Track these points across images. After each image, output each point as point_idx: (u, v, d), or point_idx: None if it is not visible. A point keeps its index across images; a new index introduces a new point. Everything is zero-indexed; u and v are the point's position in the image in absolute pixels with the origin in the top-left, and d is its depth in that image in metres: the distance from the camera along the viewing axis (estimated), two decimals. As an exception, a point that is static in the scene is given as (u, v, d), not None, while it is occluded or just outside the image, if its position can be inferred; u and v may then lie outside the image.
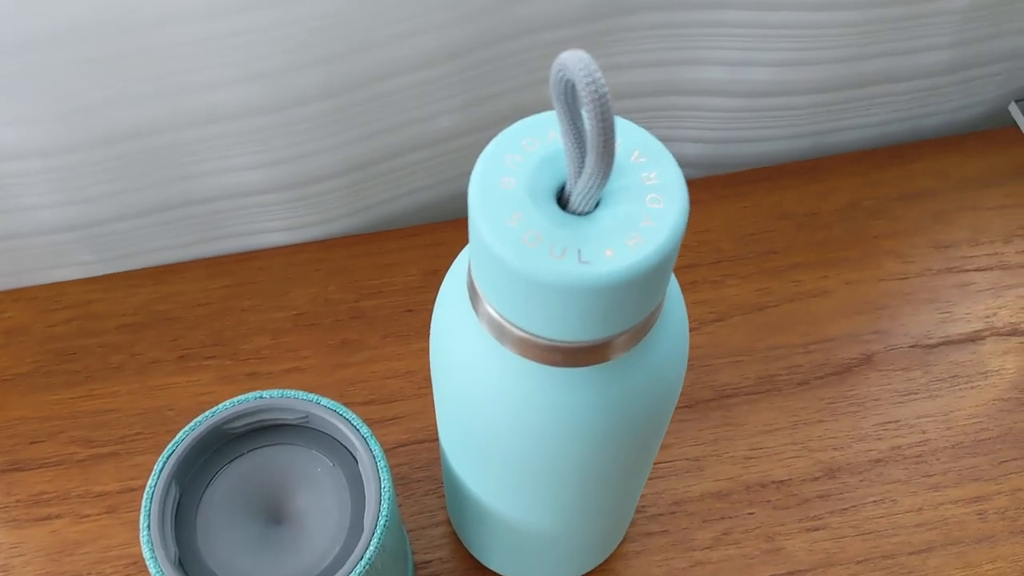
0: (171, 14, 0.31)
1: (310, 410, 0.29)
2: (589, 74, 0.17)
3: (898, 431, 0.37)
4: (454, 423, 0.26)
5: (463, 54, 0.36)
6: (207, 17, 0.31)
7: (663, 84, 0.41)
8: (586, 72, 0.17)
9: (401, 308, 0.40)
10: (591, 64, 0.17)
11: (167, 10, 0.31)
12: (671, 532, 0.35)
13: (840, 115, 0.44)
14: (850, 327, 0.40)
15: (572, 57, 0.17)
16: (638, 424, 0.24)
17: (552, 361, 0.21)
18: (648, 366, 0.23)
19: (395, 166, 0.40)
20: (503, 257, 0.19)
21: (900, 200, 0.43)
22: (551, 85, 0.18)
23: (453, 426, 0.26)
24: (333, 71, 0.35)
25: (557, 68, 0.18)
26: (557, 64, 0.18)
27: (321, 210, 0.41)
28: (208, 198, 0.39)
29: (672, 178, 0.20)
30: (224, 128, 0.36)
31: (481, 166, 0.20)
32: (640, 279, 0.19)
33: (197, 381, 0.38)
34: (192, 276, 0.41)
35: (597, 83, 0.17)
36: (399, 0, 0.33)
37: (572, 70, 0.17)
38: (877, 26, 0.39)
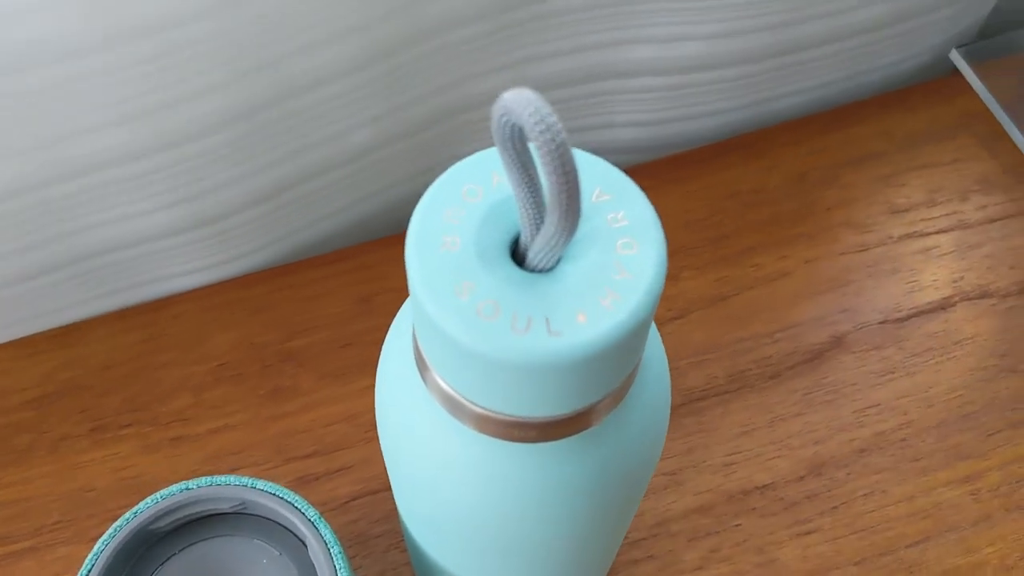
0: (33, 59, 0.27)
1: (245, 496, 0.25)
2: (541, 119, 0.14)
3: (879, 415, 0.35)
4: (409, 496, 0.23)
5: (369, 64, 0.32)
6: (76, 56, 0.27)
7: (589, 70, 0.38)
8: (537, 116, 0.14)
9: (335, 343, 0.36)
10: (541, 105, 0.14)
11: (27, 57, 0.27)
12: (656, 556, 0.33)
13: (777, 82, 0.41)
14: (816, 309, 0.37)
15: (517, 99, 0.14)
16: (621, 488, 0.21)
17: (519, 438, 0.18)
18: (631, 423, 0.20)
19: (309, 190, 0.36)
20: (456, 337, 0.16)
21: (848, 166, 0.41)
22: (493, 130, 0.15)
23: (408, 499, 0.23)
24: (228, 98, 0.31)
25: (500, 112, 0.15)
26: (499, 107, 0.15)
27: (234, 246, 0.37)
28: (107, 249, 0.35)
29: (644, 217, 0.17)
30: (113, 175, 0.31)
31: (417, 227, 0.17)
32: (622, 343, 0.16)
33: (116, 454, 0.34)
34: (99, 335, 0.36)
35: (552, 129, 0.14)
36: (291, 15, 0.29)
37: (518, 114, 0.14)
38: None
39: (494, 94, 0.37)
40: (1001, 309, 0.38)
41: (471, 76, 0.36)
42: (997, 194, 0.40)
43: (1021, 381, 0.36)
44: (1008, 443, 0.35)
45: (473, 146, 0.39)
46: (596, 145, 0.42)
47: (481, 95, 0.37)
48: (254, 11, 0.28)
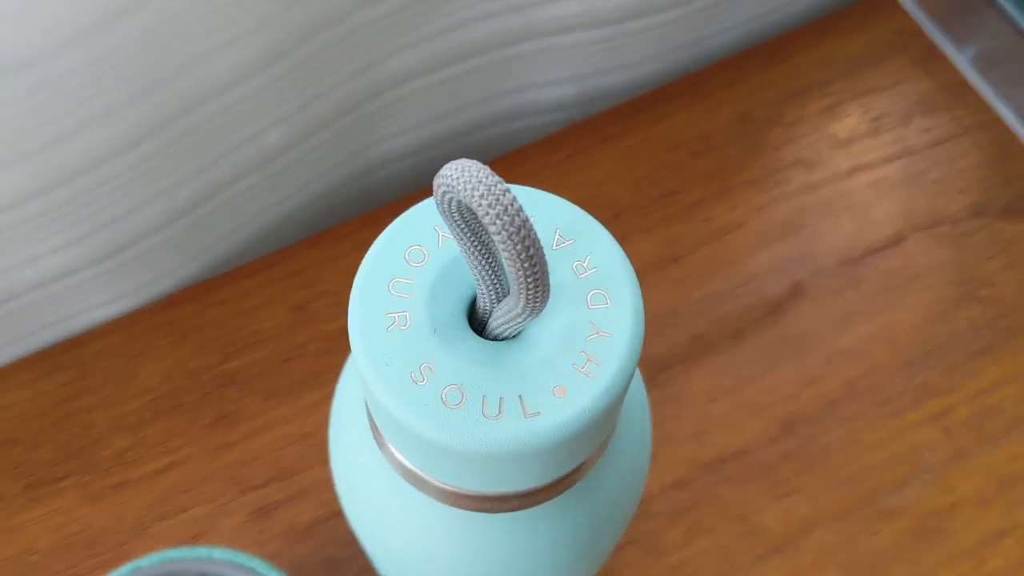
0: None
1: (203, 570, 0.23)
2: (496, 200, 0.12)
3: (845, 363, 0.34)
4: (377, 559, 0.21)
5: (272, 62, 0.30)
6: None
7: (518, 30, 0.35)
8: (491, 198, 0.12)
9: (276, 359, 0.34)
10: (493, 182, 0.12)
11: None
12: (638, 540, 0.32)
13: (706, 22, 0.39)
14: (772, 258, 0.36)
15: (462, 176, 0.12)
16: (607, 532, 0.19)
17: (493, 509, 0.17)
18: (614, 475, 0.18)
19: (225, 199, 0.34)
20: (420, 431, 0.14)
21: (790, 100, 0.40)
22: (436, 205, 0.13)
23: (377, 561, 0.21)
24: (122, 123, 0.28)
25: (442, 189, 0.12)
26: (441, 184, 0.12)
27: (153, 268, 0.34)
28: (14, 295, 0.32)
29: (612, 261, 0.15)
30: (8, 219, 0.28)
31: (358, 303, 0.15)
32: (608, 410, 0.15)
33: (56, 510, 0.32)
34: (16, 382, 0.34)
35: (510, 210, 0.12)
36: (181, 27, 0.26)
37: (466, 193, 0.12)
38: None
39: (413, 70, 0.35)
40: (954, 235, 0.37)
41: (385, 56, 0.33)
42: (939, 115, 0.39)
43: (979, 308, 0.36)
44: (973, 375, 0.34)
45: (396, 126, 0.37)
46: (529, 105, 0.39)
47: (399, 73, 0.34)
48: (138, 29, 0.25)
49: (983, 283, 0.36)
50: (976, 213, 0.37)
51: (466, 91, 0.37)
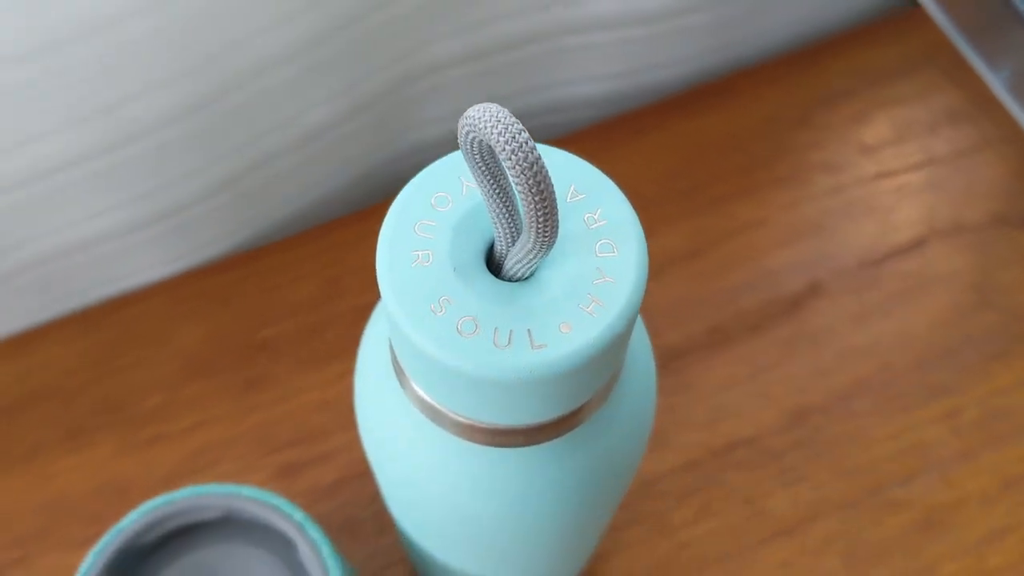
0: None
1: (230, 504, 0.24)
2: (512, 137, 0.13)
3: (859, 359, 0.35)
4: (396, 500, 0.22)
5: (318, 43, 0.31)
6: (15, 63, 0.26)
7: (549, 26, 0.36)
8: (508, 136, 0.13)
9: (307, 330, 0.36)
10: (512, 123, 0.13)
11: None
12: (646, 518, 0.33)
13: (742, 26, 0.40)
14: (792, 255, 0.37)
15: (483, 116, 0.13)
16: (609, 481, 0.20)
17: (504, 443, 0.18)
18: (618, 418, 0.19)
19: (267, 175, 0.35)
20: (436, 356, 0.15)
21: (819, 105, 0.41)
22: (461, 146, 0.14)
23: (396, 502, 0.22)
24: (177, 93, 0.29)
25: (465, 129, 0.14)
26: (464, 124, 0.14)
27: (194, 237, 0.36)
28: (64, 253, 0.33)
29: (622, 216, 0.16)
30: (64, 179, 0.30)
31: (387, 242, 0.16)
32: (608, 348, 0.16)
33: (91, 460, 0.33)
34: (60, 338, 0.35)
35: (524, 148, 0.13)
36: (234, 4, 0.28)
37: (486, 132, 0.13)
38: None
39: (451, 59, 0.36)
40: (974, 243, 0.38)
41: (425, 43, 0.35)
42: (965, 126, 0.40)
43: (996, 315, 0.36)
44: (985, 377, 0.35)
45: (432, 113, 0.38)
46: (562, 102, 0.41)
47: (437, 61, 0.36)
48: (198, 5, 0.27)
49: (1000, 291, 0.37)
50: (997, 222, 0.38)
51: (502, 83, 0.39)
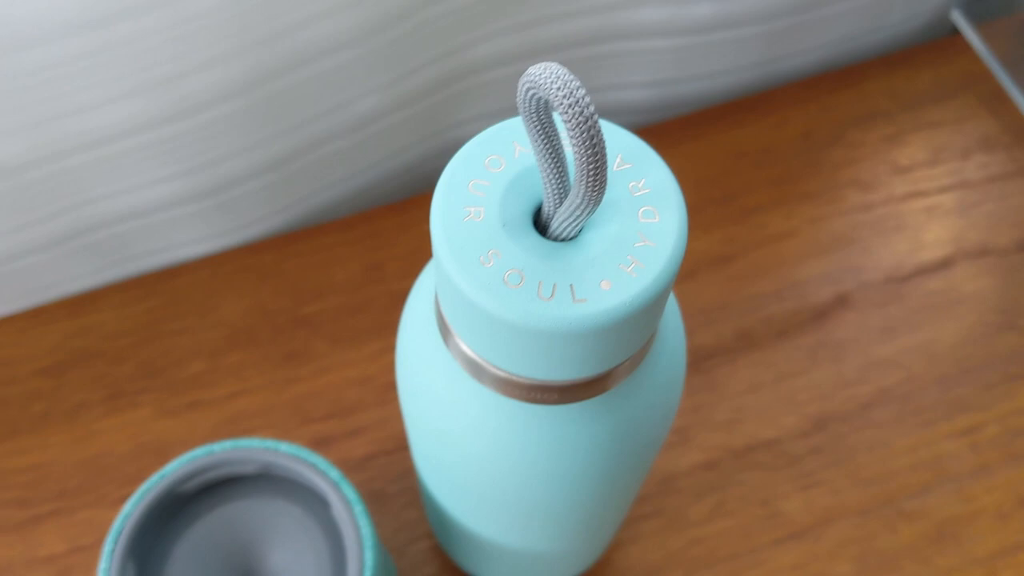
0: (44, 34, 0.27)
1: (269, 459, 0.26)
2: (570, 92, 0.14)
3: (882, 371, 0.36)
4: (428, 456, 0.23)
5: (373, 33, 0.33)
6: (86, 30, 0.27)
7: (597, 31, 0.38)
8: (566, 90, 0.14)
9: (346, 309, 0.37)
10: (570, 80, 0.14)
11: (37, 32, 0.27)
12: (664, 512, 0.34)
13: (783, 43, 0.41)
14: (821, 267, 0.38)
15: (543, 72, 0.14)
16: (636, 449, 0.21)
17: (539, 400, 0.19)
18: (648, 386, 0.20)
19: (316, 158, 0.37)
20: (482, 304, 0.16)
21: (854, 125, 0.41)
22: (519, 103, 0.15)
23: (428, 458, 0.23)
24: (235, 69, 0.31)
25: (526, 85, 0.15)
26: (525, 81, 0.15)
27: (243, 214, 0.37)
28: (118, 219, 0.35)
29: (665, 185, 0.17)
30: (123, 146, 0.32)
31: (441, 198, 0.17)
32: (644, 309, 0.17)
33: (132, 420, 0.35)
34: (109, 303, 0.37)
35: (581, 103, 0.14)
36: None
37: (546, 88, 0.14)
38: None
39: (499, 57, 0.37)
40: (1001, 266, 0.38)
41: (475, 40, 0.36)
42: (998, 153, 0.41)
43: (1020, 337, 0.37)
44: (1007, 396, 0.36)
45: (478, 110, 0.40)
46: (604, 106, 0.42)
47: (486, 58, 0.37)
48: None
49: (1025, 314, 0.37)
50: None
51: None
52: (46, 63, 0.28)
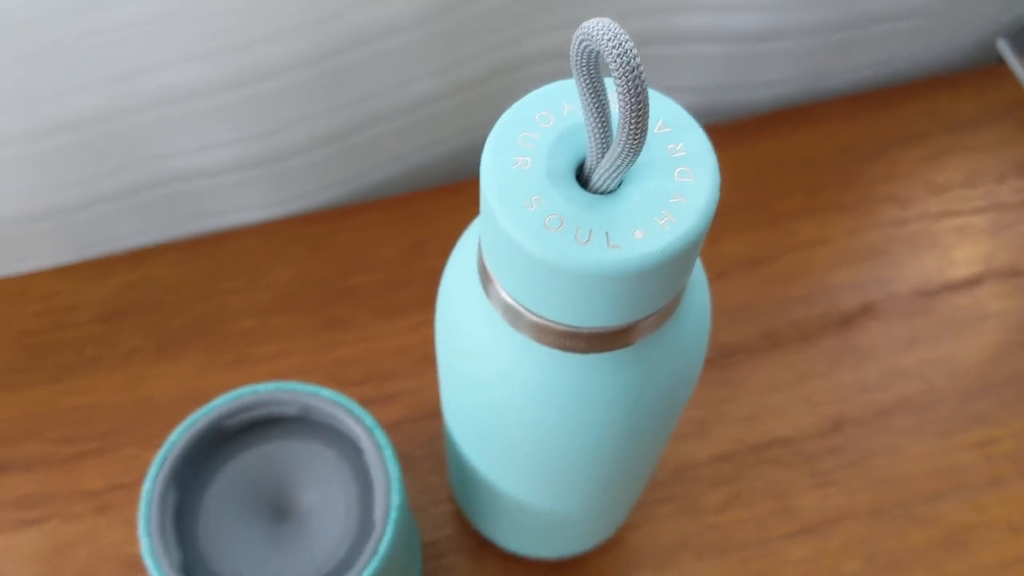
0: None
1: (309, 402, 0.27)
2: (619, 44, 0.16)
3: (903, 380, 0.37)
4: (461, 406, 0.25)
5: (434, 17, 0.34)
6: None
7: (647, 34, 0.39)
8: (615, 42, 0.16)
9: (389, 283, 0.38)
10: (620, 33, 0.16)
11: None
12: (678, 498, 0.35)
13: (830, 59, 0.42)
14: (850, 276, 0.39)
15: (597, 26, 0.16)
16: (659, 406, 0.23)
17: (570, 347, 0.20)
18: (672, 346, 0.22)
19: (371, 136, 0.38)
20: (523, 245, 0.18)
21: (894, 143, 0.42)
22: (572, 55, 0.17)
23: (460, 409, 0.25)
24: (301, 42, 0.33)
25: (580, 38, 0.16)
26: (580, 33, 0.16)
27: (297, 185, 0.39)
28: (180, 178, 0.37)
29: (701, 149, 0.19)
30: (191, 107, 0.34)
31: (492, 146, 0.19)
32: (673, 260, 0.18)
33: (181, 369, 0.36)
34: (167, 260, 0.39)
35: (628, 54, 0.16)
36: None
37: (598, 39, 0.16)
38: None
39: (549, 53, 0.39)
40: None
41: (530, 33, 0.38)
42: (1034, 178, 0.42)
43: (1043, 358, 0.38)
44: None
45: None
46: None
47: (539, 52, 0.39)
48: None
49: (1050, 337, 0.38)
50: (1054, 274, 0.40)
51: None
52: (126, 21, 0.30)
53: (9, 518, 0.34)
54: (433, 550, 0.34)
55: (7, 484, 0.34)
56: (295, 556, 0.26)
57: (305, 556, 0.26)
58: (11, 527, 0.34)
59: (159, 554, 0.25)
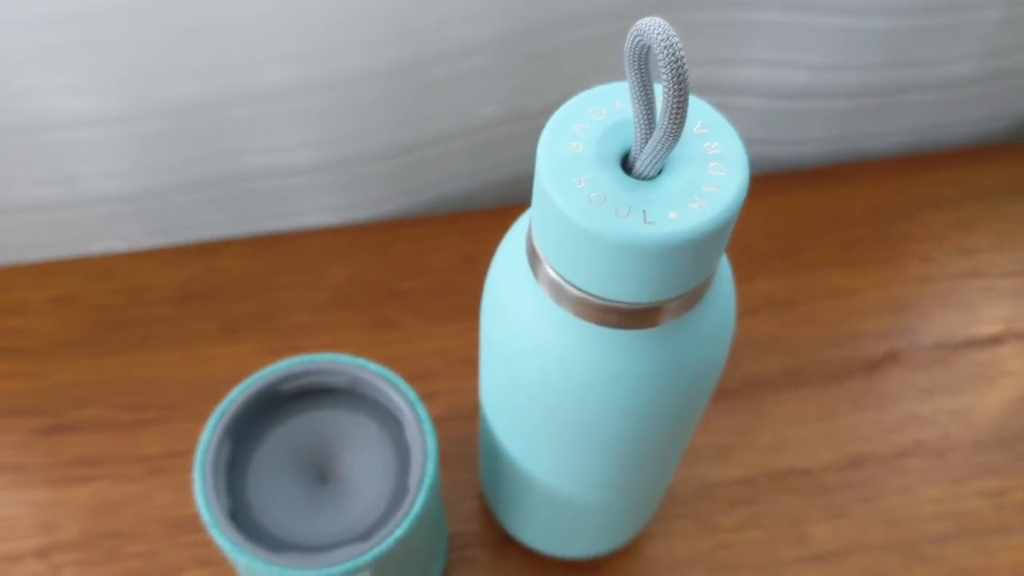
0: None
1: (358, 374, 0.30)
2: (667, 39, 0.18)
3: (920, 426, 0.38)
4: (501, 384, 0.27)
5: (506, 46, 0.37)
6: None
7: (703, 82, 0.42)
8: (664, 37, 0.18)
9: (438, 291, 0.41)
10: (669, 30, 0.18)
11: None
12: (696, 515, 0.36)
13: (869, 122, 0.45)
14: (877, 325, 0.41)
15: (650, 23, 0.19)
16: (682, 390, 0.25)
17: (606, 322, 0.22)
18: (696, 333, 0.24)
19: (435, 153, 0.41)
20: (570, 215, 0.20)
21: (926, 206, 0.45)
22: (625, 51, 0.20)
23: (500, 387, 0.27)
24: (385, 55, 0.36)
25: (634, 34, 0.19)
26: (634, 30, 0.19)
27: (363, 193, 0.42)
28: (256, 175, 0.40)
29: (733, 148, 0.21)
30: (278, 106, 0.37)
31: (549, 131, 0.21)
32: (701, 241, 0.20)
33: (239, 352, 0.39)
34: (236, 252, 0.42)
35: (674, 47, 0.18)
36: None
37: (650, 35, 0.18)
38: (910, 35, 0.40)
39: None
40: (1050, 351, 0.40)
41: (592, 72, 0.41)
42: (1061, 249, 0.43)
43: (1060, 418, 0.39)
44: (1039, 470, 0.38)
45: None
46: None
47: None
48: None
49: (1068, 400, 0.39)
50: (1076, 340, 0.41)
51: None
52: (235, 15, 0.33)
53: (65, 475, 0.36)
54: (458, 541, 0.35)
55: (68, 442, 0.37)
56: (333, 515, 0.28)
57: (343, 516, 0.28)
58: (65, 483, 0.36)
59: (211, 498, 0.27)
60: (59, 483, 0.36)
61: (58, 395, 0.38)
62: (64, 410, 0.38)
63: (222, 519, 0.27)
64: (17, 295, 0.40)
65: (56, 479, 0.36)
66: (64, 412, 0.38)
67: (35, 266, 0.41)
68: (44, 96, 0.34)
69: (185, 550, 0.35)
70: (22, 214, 0.39)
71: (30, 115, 0.35)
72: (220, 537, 0.27)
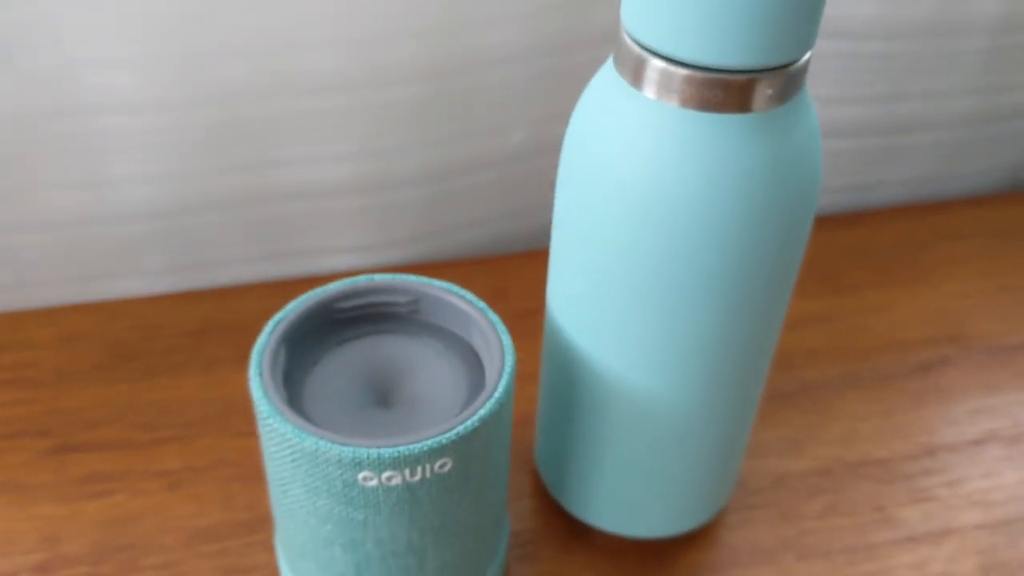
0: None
1: (421, 291, 0.28)
2: None
3: (991, 417, 0.36)
4: (578, 202, 0.25)
5: (535, 56, 0.38)
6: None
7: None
8: None
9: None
10: None
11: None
12: (775, 504, 0.33)
13: (879, 167, 0.47)
14: (922, 333, 0.40)
15: None
16: (780, 200, 0.23)
17: (709, 102, 0.22)
18: (790, 133, 0.23)
19: (467, 183, 0.41)
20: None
21: (947, 240, 0.45)
22: None
23: (577, 207, 0.25)
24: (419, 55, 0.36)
25: None
26: None
27: (394, 228, 0.41)
28: (284, 195, 0.39)
29: None
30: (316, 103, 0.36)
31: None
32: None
33: (266, 372, 0.36)
34: (255, 294, 0.40)
35: None
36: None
37: None
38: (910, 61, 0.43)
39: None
40: (1100, 352, 0.40)
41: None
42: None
43: None
44: (1123, 453, 0.35)
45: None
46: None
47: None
48: None
49: None
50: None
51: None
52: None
53: (75, 491, 0.32)
54: (519, 539, 0.32)
55: (78, 461, 0.33)
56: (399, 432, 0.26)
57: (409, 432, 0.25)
58: (75, 498, 0.32)
59: (269, 389, 0.24)
60: (66, 499, 0.32)
61: (65, 418, 0.35)
62: (71, 432, 0.34)
63: (281, 407, 0.24)
64: (25, 335, 0.38)
65: (62, 496, 0.32)
66: (71, 434, 0.34)
67: (45, 311, 0.39)
68: (94, 70, 0.34)
69: (208, 559, 0.31)
70: (40, 233, 0.37)
71: (76, 95, 0.34)
72: (280, 423, 0.24)
